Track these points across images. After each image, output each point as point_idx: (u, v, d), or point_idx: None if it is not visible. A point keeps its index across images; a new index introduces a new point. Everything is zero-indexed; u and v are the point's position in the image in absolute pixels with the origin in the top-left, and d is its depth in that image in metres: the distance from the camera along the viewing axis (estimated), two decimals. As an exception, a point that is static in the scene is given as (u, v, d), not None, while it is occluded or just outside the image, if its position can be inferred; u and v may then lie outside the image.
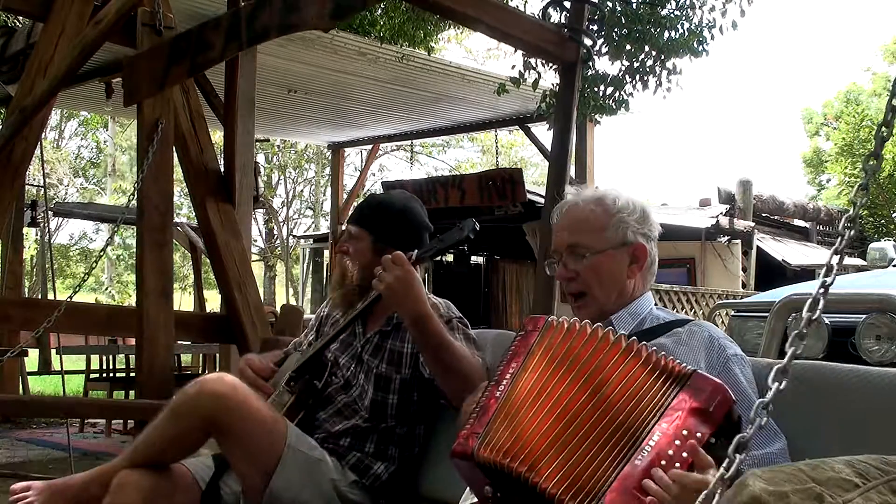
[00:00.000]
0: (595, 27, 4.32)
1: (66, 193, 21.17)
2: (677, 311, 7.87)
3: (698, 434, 1.27)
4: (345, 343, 2.19)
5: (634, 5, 6.19)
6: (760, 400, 1.04)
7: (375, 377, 2.10)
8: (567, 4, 4.36)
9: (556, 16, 4.99)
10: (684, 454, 1.26)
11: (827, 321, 3.45)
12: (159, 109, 3.35)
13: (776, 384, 1.03)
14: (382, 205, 2.27)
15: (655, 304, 1.74)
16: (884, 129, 1.05)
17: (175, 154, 3.61)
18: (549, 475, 1.32)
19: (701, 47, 6.32)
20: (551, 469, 1.32)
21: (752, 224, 10.24)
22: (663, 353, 1.40)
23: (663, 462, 1.26)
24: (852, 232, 1.05)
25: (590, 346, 1.42)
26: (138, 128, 3.41)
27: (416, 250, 1.97)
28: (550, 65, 5.89)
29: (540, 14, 4.84)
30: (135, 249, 4.58)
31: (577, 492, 1.30)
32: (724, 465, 1.02)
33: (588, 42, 3.91)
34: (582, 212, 1.71)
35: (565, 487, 1.30)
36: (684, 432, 1.28)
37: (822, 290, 1.02)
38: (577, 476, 1.31)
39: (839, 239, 1.06)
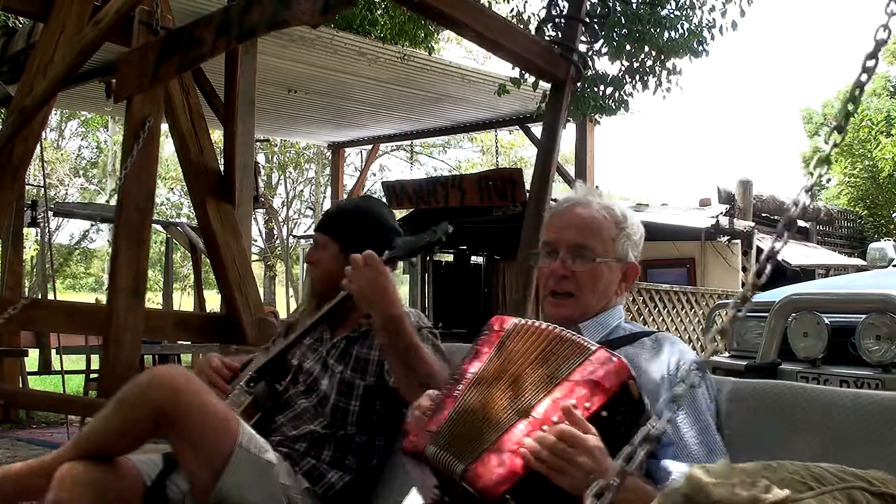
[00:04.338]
0: (595, 26, 4.27)
1: (66, 193, 21.17)
2: (678, 311, 7.89)
3: (586, 404, 1.27)
4: (311, 348, 2.16)
5: (634, 5, 6.19)
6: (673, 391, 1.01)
7: (339, 382, 2.06)
8: (561, 22, 4.29)
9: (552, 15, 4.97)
10: (565, 422, 1.26)
11: (827, 321, 3.45)
12: (148, 107, 3.32)
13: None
14: (347, 210, 2.25)
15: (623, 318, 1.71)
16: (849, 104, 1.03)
17: (175, 154, 3.59)
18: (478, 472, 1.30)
19: (701, 47, 6.33)
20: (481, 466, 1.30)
21: (752, 224, 10.24)
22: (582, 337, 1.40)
23: (545, 427, 1.27)
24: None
25: (540, 347, 1.40)
26: (125, 124, 3.37)
27: (387, 251, 1.92)
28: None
29: (534, 30, 4.77)
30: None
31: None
32: (625, 454, 0.97)
33: (578, 59, 3.80)
34: (594, 215, 1.65)
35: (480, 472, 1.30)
36: (571, 402, 1.28)
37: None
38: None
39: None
